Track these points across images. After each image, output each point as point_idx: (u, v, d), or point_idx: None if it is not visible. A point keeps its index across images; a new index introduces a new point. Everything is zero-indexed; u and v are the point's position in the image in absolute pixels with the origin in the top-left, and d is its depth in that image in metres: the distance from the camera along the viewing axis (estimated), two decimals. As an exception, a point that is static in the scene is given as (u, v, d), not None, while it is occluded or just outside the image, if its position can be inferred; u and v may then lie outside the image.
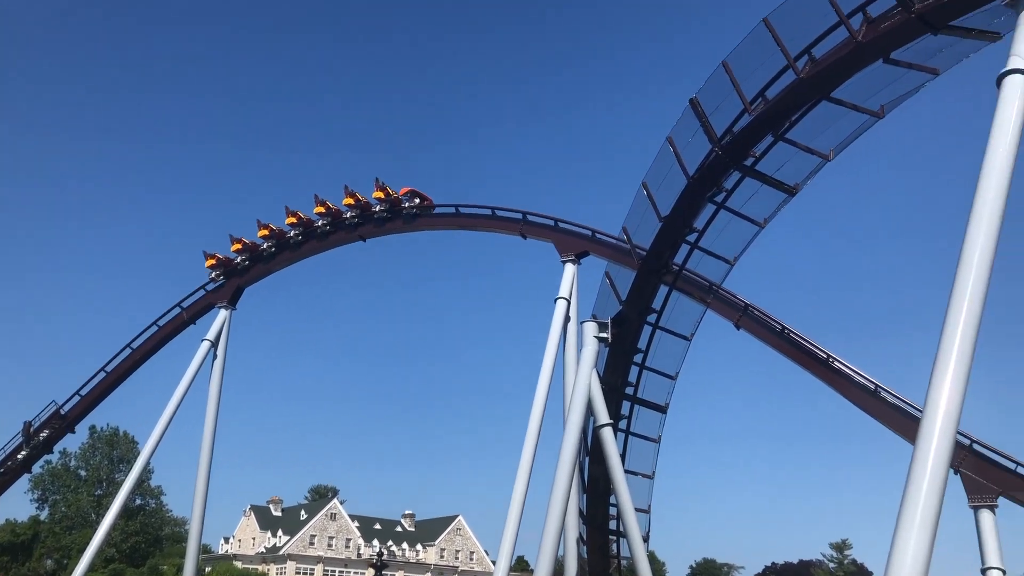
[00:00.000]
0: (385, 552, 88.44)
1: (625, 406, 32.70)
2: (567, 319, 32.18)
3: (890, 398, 29.81)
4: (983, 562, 26.50)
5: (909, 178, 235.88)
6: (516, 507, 29.25)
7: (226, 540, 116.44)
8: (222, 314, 42.14)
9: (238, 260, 43.10)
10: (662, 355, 32.18)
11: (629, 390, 32.29)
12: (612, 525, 34.58)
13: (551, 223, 35.24)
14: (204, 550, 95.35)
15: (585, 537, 34.08)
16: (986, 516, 26.84)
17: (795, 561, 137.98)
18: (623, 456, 32.09)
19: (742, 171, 25.14)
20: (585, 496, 33.48)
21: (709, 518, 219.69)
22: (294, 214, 41.82)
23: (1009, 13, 15.40)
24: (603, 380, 29.98)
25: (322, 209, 40.90)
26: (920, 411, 11.13)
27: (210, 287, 43.85)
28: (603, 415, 28.90)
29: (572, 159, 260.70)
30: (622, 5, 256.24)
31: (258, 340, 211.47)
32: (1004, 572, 26.52)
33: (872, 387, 30.17)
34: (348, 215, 40.84)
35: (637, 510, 30.57)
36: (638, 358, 31.63)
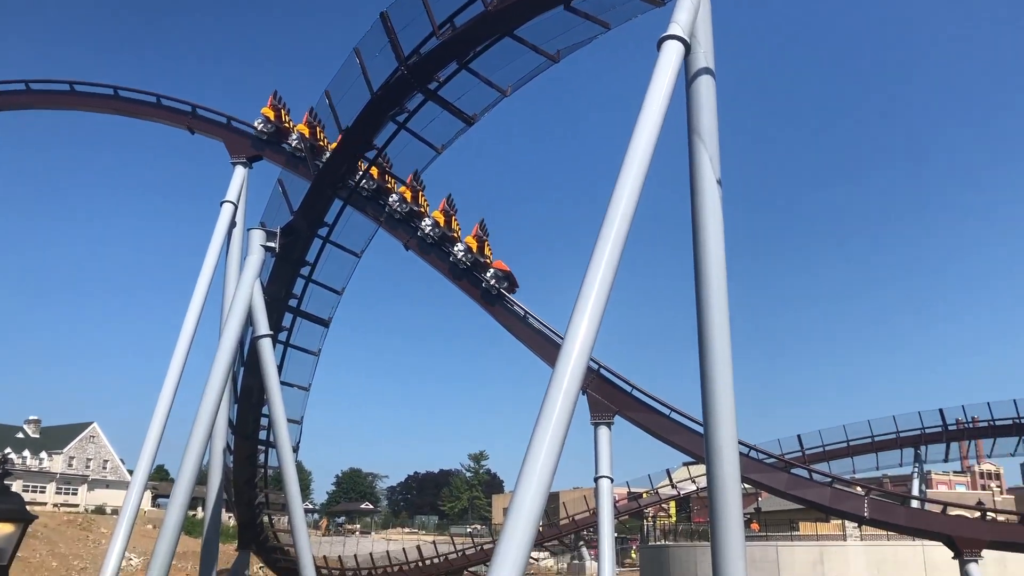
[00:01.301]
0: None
1: (287, 318, 32.30)
2: (233, 224, 30.81)
3: (536, 324, 32.40)
4: (597, 471, 30.04)
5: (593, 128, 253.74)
6: (161, 415, 27.88)
7: None
8: None
9: (296, 144, 33.09)
10: (330, 269, 32.10)
11: (293, 302, 31.87)
12: (262, 435, 34.29)
13: (223, 120, 33.24)
14: None
15: (232, 446, 33.47)
16: (603, 432, 30.35)
17: (436, 471, 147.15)
18: (280, 368, 31.78)
19: (425, 94, 25.37)
20: (236, 406, 32.79)
21: (357, 430, 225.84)
22: None
23: (673, -19, 16.79)
24: (266, 290, 29.23)
25: None
26: (561, 337, 12.08)
27: None
28: (263, 326, 28.23)
29: (258, 57, 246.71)
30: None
31: None
32: (612, 479, 30.33)
33: (522, 313, 32.56)
34: None
35: (289, 421, 30.48)
36: (305, 271, 31.24)
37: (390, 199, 32.28)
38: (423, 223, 32.59)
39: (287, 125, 32.92)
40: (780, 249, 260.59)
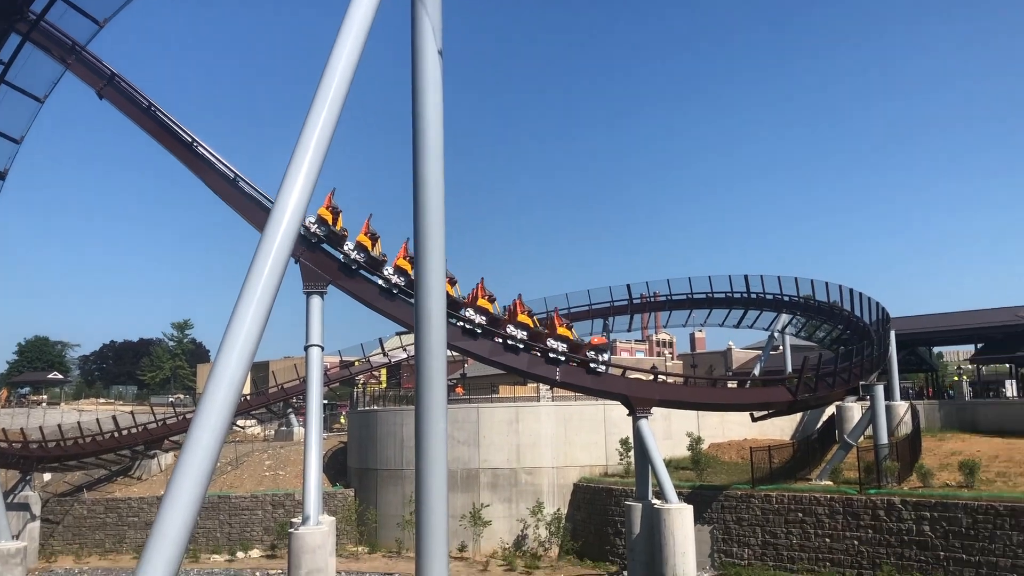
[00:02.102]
0: None
1: (-48, 167, 28.33)
2: None
3: (247, 188, 31.01)
4: (308, 340, 30.01)
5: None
6: None
7: None
8: None
9: (354, 255, 31.75)
10: (7, 115, 28.39)
11: (-42, 149, 27.96)
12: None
13: None
14: None
15: None
16: (315, 301, 30.21)
17: (136, 340, 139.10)
18: (-55, 223, 28.06)
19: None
20: None
21: (42, 295, 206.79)
22: None
23: None
24: (-77, 132, 25.34)
25: None
26: (271, 202, 11.71)
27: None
28: (-79, 173, 24.60)
29: None
30: None
31: None
32: (322, 348, 30.47)
33: (231, 175, 30.95)
34: None
35: (-42, 283, 27.29)
36: (-27, 113, 27.40)
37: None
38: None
39: (343, 232, 31.11)
40: (507, 121, 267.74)
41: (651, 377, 36.18)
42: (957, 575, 31.64)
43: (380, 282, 31.42)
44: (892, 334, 48.62)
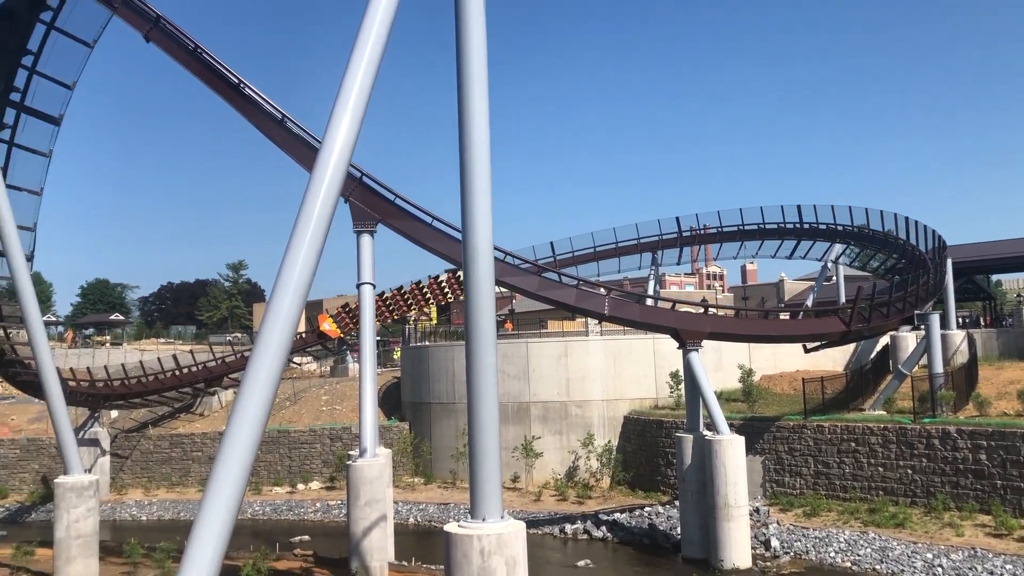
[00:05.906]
0: None
1: (10, 114, 28.95)
2: (-70, 1, 26.50)
3: (295, 128, 31.18)
4: (359, 278, 30.42)
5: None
6: None
7: None
8: None
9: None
10: (58, 60, 28.82)
11: (15, 96, 28.51)
12: (-9, 244, 31.37)
13: None
14: None
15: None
16: (366, 239, 30.52)
17: (192, 280, 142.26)
18: (5, 169, 28.81)
19: None
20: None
21: (102, 238, 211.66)
22: None
23: None
24: (-19, 81, 25.89)
25: None
26: (319, 142, 11.81)
27: None
28: (-21, 122, 25.20)
29: None
30: None
31: None
32: (374, 286, 30.86)
33: (279, 116, 31.13)
34: None
35: (20, 227, 28.06)
36: (28, 60, 27.83)
37: None
38: None
39: None
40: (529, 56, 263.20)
41: (701, 310, 36.01)
42: (1015, 503, 31.42)
43: (429, 220, 31.58)
44: (948, 262, 47.54)
